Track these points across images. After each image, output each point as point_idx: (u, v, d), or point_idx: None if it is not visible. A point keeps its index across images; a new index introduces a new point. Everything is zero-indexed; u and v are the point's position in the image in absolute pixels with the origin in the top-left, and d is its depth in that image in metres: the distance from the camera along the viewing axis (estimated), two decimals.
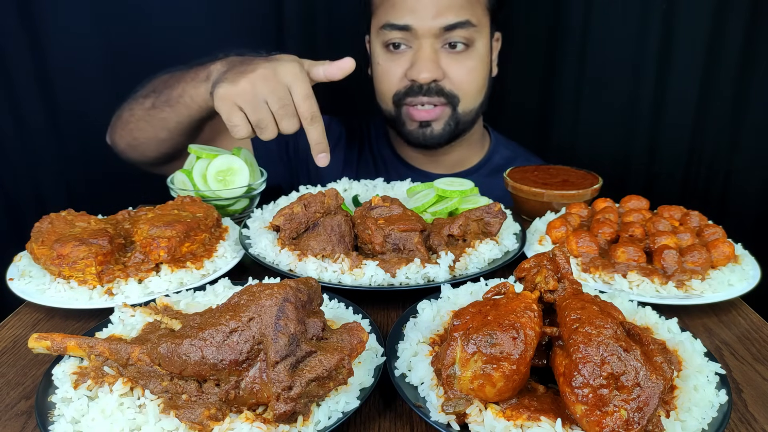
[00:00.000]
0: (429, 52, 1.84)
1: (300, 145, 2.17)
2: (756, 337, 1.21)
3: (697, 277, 1.28)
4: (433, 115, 1.93)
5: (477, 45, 1.90)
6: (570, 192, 1.67)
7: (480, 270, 1.34)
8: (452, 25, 1.82)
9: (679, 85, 2.47)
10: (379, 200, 1.42)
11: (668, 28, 2.40)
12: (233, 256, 1.41)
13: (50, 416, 0.88)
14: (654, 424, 0.81)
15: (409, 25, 1.83)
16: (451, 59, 1.88)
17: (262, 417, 0.86)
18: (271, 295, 0.89)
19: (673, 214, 1.51)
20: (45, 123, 2.43)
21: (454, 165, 2.18)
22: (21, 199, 2.48)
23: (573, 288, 0.96)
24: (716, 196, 2.59)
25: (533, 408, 0.86)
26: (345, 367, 0.87)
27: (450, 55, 1.87)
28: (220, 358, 0.86)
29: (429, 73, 1.84)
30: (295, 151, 2.18)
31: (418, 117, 1.94)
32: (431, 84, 1.88)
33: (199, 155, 1.68)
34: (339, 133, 2.24)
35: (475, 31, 1.87)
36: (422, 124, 1.96)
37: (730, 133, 2.49)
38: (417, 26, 1.82)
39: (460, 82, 1.90)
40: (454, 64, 1.88)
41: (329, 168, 2.18)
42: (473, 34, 1.87)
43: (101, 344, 0.96)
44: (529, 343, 0.85)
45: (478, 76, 1.94)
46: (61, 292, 1.23)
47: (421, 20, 1.81)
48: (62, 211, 1.39)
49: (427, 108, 1.92)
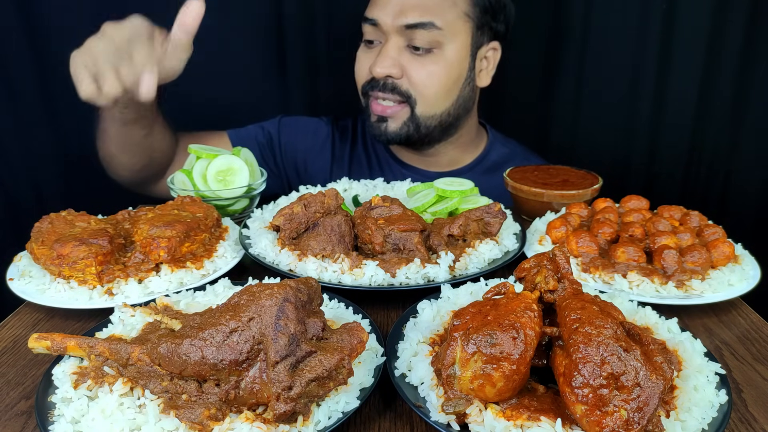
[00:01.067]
0: (390, 48, 1.87)
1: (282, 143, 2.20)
2: (756, 337, 1.21)
3: (697, 277, 1.28)
4: (389, 112, 1.95)
5: (445, 49, 1.87)
6: (570, 192, 1.67)
7: (480, 270, 1.34)
8: (413, 25, 1.82)
9: (679, 85, 2.47)
10: (379, 200, 1.42)
11: (668, 28, 2.40)
12: (233, 256, 1.41)
13: (50, 416, 0.88)
14: (654, 424, 0.81)
15: (375, 19, 1.87)
16: (413, 60, 1.88)
17: (262, 417, 0.86)
18: (271, 295, 0.89)
19: (673, 214, 1.51)
20: (45, 123, 2.43)
21: (447, 164, 2.18)
22: (21, 199, 2.48)
23: (573, 288, 0.95)
24: (716, 196, 2.59)
25: (533, 408, 0.86)
26: (345, 367, 0.87)
27: (412, 55, 1.88)
28: (220, 358, 0.86)
29: (383, 69, 1.87)
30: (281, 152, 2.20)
31: (375, 110, 1.98)
32: (387, 80, 1.90)
33: (199, 155, 1.68)
34: (326, 132, 2.26)
35: (441, 35, 1.84)
36: (380, 119, 1.99)
37: (730, 133, 2.49)
38: (381, 21, 1.86)
39: (417, 83, 1.90)
40: (414, 65, 1.88)
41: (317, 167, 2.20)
42: (438, 38, 1.85)
43: (101, 344, 0.96)
44: (529, 343, 0.85)
45: (440, 81, 1.91)
46: (61, 292, 1.24)
47: (385, 16, 1.85)
48: (62, 211, 1.39)
49: (385, 103, 1.95)
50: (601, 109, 2.59)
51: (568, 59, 2.56)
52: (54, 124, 2.44)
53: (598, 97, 2.57)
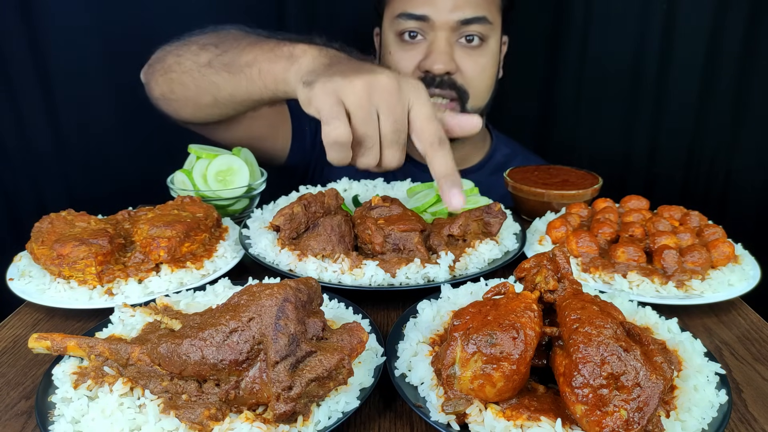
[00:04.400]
0: (445, 44, 1.83)
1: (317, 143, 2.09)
2: (756, 337, 1.21)
3: (697, 277, 1.28)
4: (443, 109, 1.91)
5: (490, 43, 1.90)
6: (570, 192, 1.67)
7: (480, 270, 1.34)
8: (469, 20, 1.82)
9: (679, 86, 2.47)
10: (379, 200, 1.42)
11: (668, 28, 2.40)
12: (233, 256, 1.41)
13: (50, 416, 0.88)
14: (654, 424, 0.81)
15: (427, 15, 1.82)
16: (465, 54, 1.87)
17: (262, 417, 0.86)
18: (271, 295, 0.89)
19: (673, 214, 1.51)
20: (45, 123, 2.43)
21: (458, 163, 2.16)
22: (21, 199, 2.48)
23: (573, 288, 0.95)
24: (716, 196, 2.59)
25: (533, 408, 0.86)
26: (345, 367, 0.87)
27: (464, 49, 1.87)
28: (220, 358, 0.86)
29: (444, 65, 1.83)
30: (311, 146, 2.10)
31: None
32: (444, 76, 1.86)
33: (199, 155, 1.68)
34: None
35: (489, 29, 1.87)
36: None
37: (730, 134, 2.49)
38: (434, 17, 1.81)
39: (471, 77, 1.89)
40: (467, 59, 1.87)
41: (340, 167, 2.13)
42: (488, 31, 1.87)
43: (101, 344, 0.96)
44: (529, 343, 0.85)
45: (488, 74, 1.94)
46: (61, 292, 1.23)
47: (439, 12, 1.81)
48: (62, 211, 1.39)
49: (441, 101, 1.91)
50: (601, 109, 2.60)
51: (568, 59, 2.56)
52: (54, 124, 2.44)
53: (598, 97, 2.58)
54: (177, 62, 1.57)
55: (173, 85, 1.59)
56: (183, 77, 1.55)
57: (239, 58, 1.43)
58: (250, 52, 1.41)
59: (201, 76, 1.52)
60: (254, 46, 1.42)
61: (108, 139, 2.48)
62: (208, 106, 1.59)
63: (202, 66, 1.51)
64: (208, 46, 1.54)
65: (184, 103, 1.63)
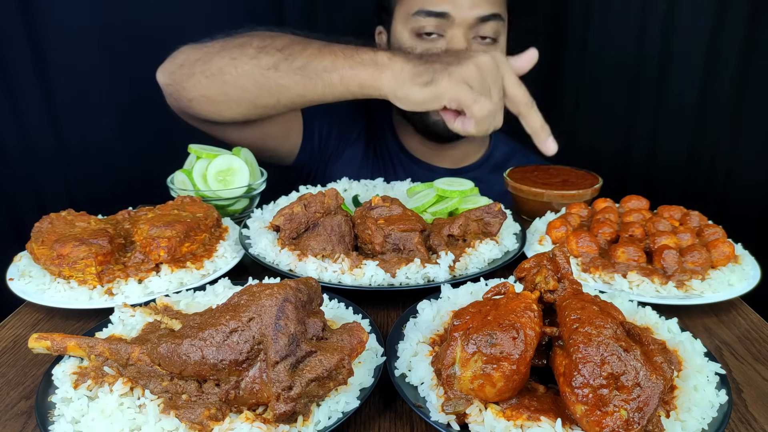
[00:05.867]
0: (464, 41, 1.85)
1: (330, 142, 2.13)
2: (756, 337, 1.21)
3: (697, 277, 1.28)
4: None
5: (500, 40, 1.93)
6: (570, 192, 1.67)
7: (480, 270, 1.34)
8: (486, 17, 1.84)
9: (680, 85, 2.47)
10: (379, 200, 1.42)
11: (668, 28, 2.40)
12: (233, 256, 1.41)
13: (50, 416, 0.88)
14: (654, 424, 0.81)
15: (447, 12, 1.82)
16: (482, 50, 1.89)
17: (262, 417, 0.86)
18: (271, 295, 0.89)
19: (673, 214, 1.51)
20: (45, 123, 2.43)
21: (459, 160, 2.18)
22: (21, 199, 2.49)
23: (573, 288, 0.95)
24: (716, 197, 2.59)
25: (533, 408, 0.86)
26: (345, 367, 0.87)
27: (479, 47, 1.89)
28: (220, 358, 0.86)
29: None
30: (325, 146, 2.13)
31: None
32: None
33: (199, 155, 1.68)
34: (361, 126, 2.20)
35: (502, 26, 1.90)
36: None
37: (730, 134, 2.49)
38: (454, 14, 1.82)
39: None
40: None
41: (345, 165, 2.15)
42: (500, 29, 1.90)
43: (101, 344, 0.96)
44: (529, 343, 0.85)
45: None
46: (61, 292, 1.23)
47: (459, 9, 1.82)
48: (62, 211, 1.39)
49: None
50: (601, 109, 2.60)
51: (568, 59, 2.56)
52: (54, 124, 2.44)
53: (598, 97, 2.58)
54: (232, 64, 1.60)
55: (227, 86, 1.62)
56: (242, 79, 1.60)
57: (314, 63, 1.53)
58: (326, 58, 1.53)
59: (266, 79, 1.58)
60: (326, 52, 1.54)
61: (108, 139, 2.48)
62: (264, 107, 1.66)
63: (266, 69, 1.57)
64: (268, 49, 1.59)
65: (233, 104, 1.66)
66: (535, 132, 1.46)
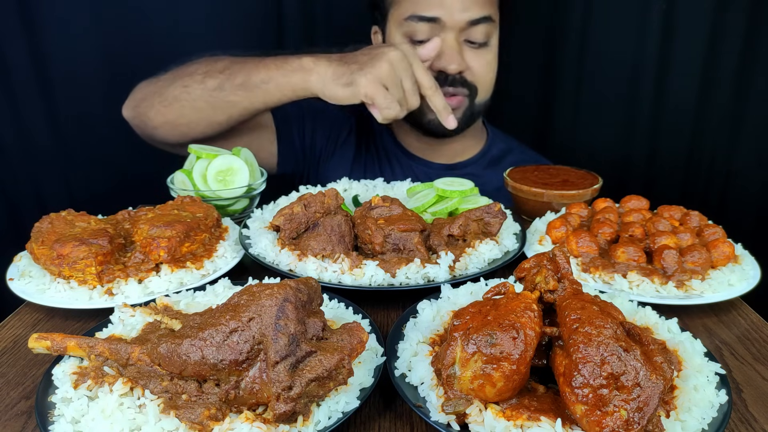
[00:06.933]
0: (455, 44, 1.90)
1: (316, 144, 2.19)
2: (756, 337, 1.21)
3: (697, 277, 1.28)
4: (455, 103, 1.98)
5: (491, 41, 1.97)
6: (570, 192, 1.67)
7: (480, 270, 1.34)
8: (477, 20, 1.88)
9: (679, 86, 2.47)
10: (379, 200, 1.42)
11: (668, 28, 2.40)
12: (233, 256, 1.41)
13: (50, 416, 0.88)
14: (654, 424, 0.81)
15: (438, 17, 1.86)
16: (473, 52, 1.95)
17: (262, 417, 0.86)
18: (271, 295, 0.89)
19: (673, 214, 1.51)
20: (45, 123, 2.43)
21: (455, 155, 2.20)
22: (21, 199, 2.48)
23: (573, 288, 0.95)
24: (716, 196, 2.59)
25: (533, 408, 0.86)
26: (345, 367, 0.87)
27: (471, 49, 1.94)
28: (220, 358, 0.86)
29: (457, 65, 1.91)
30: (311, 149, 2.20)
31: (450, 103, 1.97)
32: (457, 75, 1.94)
33: (199, 155, 1.68)
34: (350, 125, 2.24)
35: (492, 27, 1.94)
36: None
37: (730, 134, 2.49)
38: (445, 19, 1.86)
39: (479, 74, 1.97)
40: (475, 58, 1.95)
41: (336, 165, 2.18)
42: (492, 30, 1.94)
43: (101, 344, 0.96)
44: (529, 343, 0.85)
45: (493, 70, 2.02)
46: (61, 292, 1.24)
47: (450, 13, 1.86)
48: (62, 211, 1.39)
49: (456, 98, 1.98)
50: (601, 109, 2.60)
51: (568, 59, 2.56)
52: (54, 124, 2.44)
53: (598, 97, 2.58)
54: (185, 91, 1.80)
55: (184, 111, 1.82)
56: (195, 102, 1.79)
57: (252, 78, 1.73)
58: (261, 72, 1.72)
59: (214, 99, 1.78)
60: (261, 66, 1.73)
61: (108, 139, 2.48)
62: (219, 123, 1.84)
63: (213, 90, 1.77)
64: (212, 72, 1.79)
65: (194, 125, 1.84)
66: (439, 111, 1.71)
